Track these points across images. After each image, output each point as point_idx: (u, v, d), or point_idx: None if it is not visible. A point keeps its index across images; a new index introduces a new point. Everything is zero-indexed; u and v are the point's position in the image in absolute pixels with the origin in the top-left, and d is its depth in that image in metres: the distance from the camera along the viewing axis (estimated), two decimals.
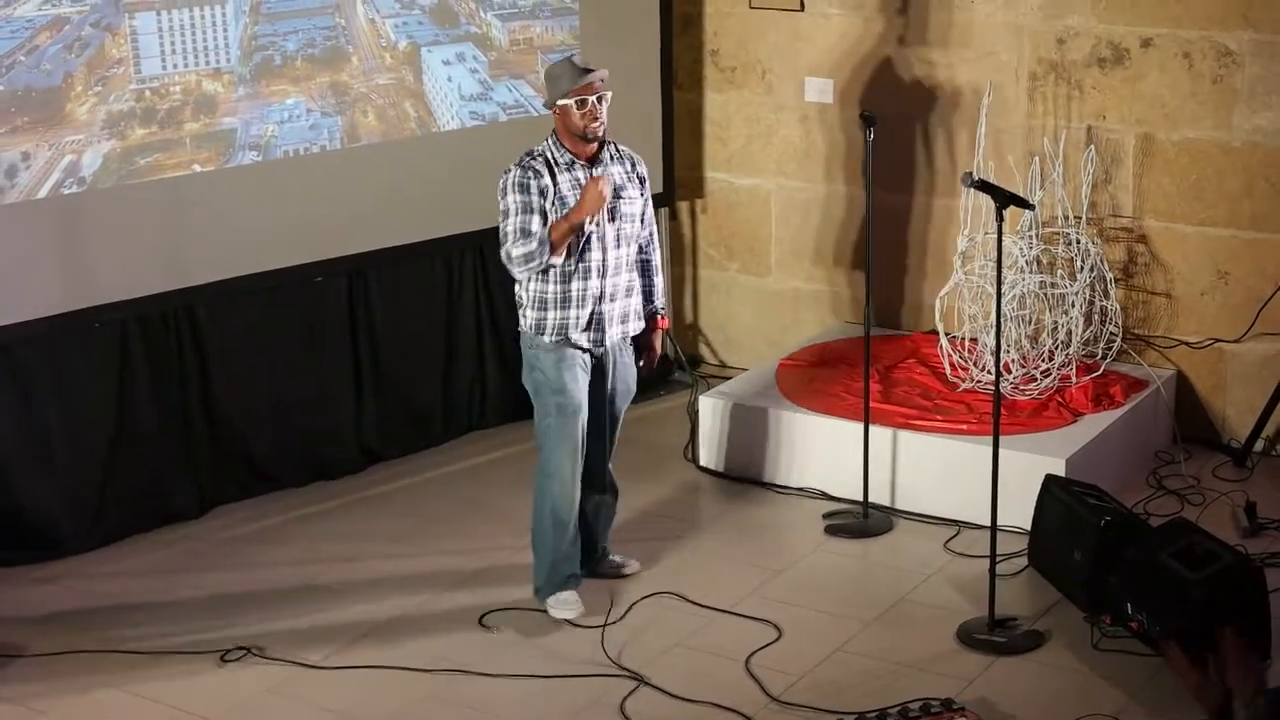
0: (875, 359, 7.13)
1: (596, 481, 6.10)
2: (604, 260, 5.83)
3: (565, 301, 5.80)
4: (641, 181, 5.98)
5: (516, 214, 5.72)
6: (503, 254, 5.77)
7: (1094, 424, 6.84)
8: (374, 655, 5.76)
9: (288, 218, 6.94)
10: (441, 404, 7.64)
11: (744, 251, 8.38)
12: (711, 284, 8.53)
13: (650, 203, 6.06)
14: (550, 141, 5.84)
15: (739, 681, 5.54)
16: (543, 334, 5.83)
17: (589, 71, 5.76)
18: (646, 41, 7.94)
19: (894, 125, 7.67)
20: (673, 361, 8.22)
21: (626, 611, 5.94)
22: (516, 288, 5.91)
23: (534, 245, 5.67)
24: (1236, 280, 7.24)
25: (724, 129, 8.29)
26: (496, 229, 7.12)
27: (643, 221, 6.00)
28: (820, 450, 6.95)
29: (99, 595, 6.27)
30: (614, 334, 5.93)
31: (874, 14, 7.77)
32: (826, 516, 6.77)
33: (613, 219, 5.84)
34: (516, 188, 5.74)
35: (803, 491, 6.98)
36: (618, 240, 5.87)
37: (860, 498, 6.73)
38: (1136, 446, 7.10)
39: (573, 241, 5.74)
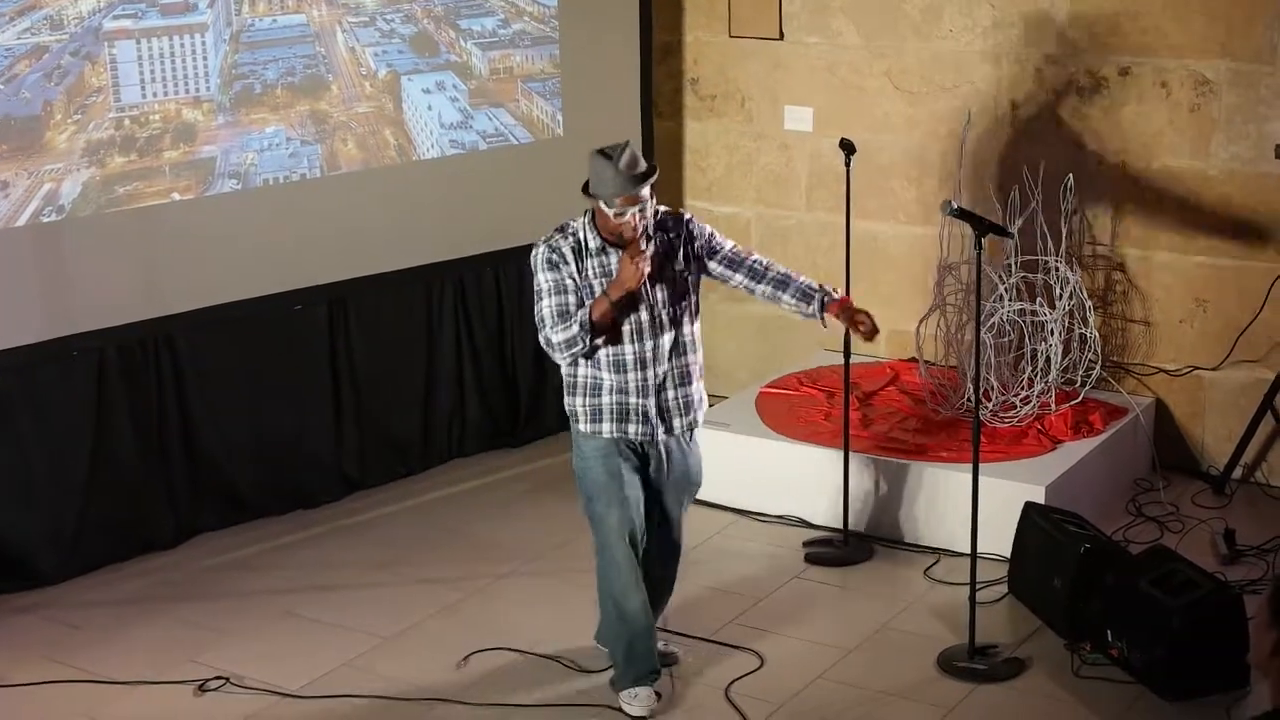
0: (855, 386, 7.14)
1: (650, 571, 5.61)
2: (640, 352, 5.33)
3: (596, 390, 5.35)
4: (692, 241, 5.41)
5: (550, 294, 5.25)
6: (541, 340, 5.32)
7: (1073, 451, 6.85)
8: (353, 684, 5.74)
9: (267, 246, 6.93)
10: (421, 432, 7.63)
11: None
12: None
13: (723, 240, 5.48)
14: (585, 220, 5.34)
15: (720, 710, 5.53)
16: (578, 422, 5.41)
17: (639, 181, 5.21)
18: (626, 70, 7.95)
19: (873, 153, 7.69)
20: None
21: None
22: (562, 365, 5.44)
23: (574, 329, 5.22)
24: (1215, 308, 7.26)
25: (704, 157, 8.31)
26: (475, 257, 7.10)
27: (734, 258, 5.48)
28: (800, 478, 6.95)
29: (76, 624, 6.25)
30: (661, 431, 5.42)
31: (853, 42, 7.80)
32: (806, 544, 6.77)
33: (639, 307, 5.31)
34: (545, 265, 5.27)
35: (783, 519, 6.98)
36: (655, 328, 5.35)
37: (840, 525, 6.73)
38: (1116, 474, 7.11)
39: (620, 321, 5.28)
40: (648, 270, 5.23)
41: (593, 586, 5.68)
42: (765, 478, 7.03)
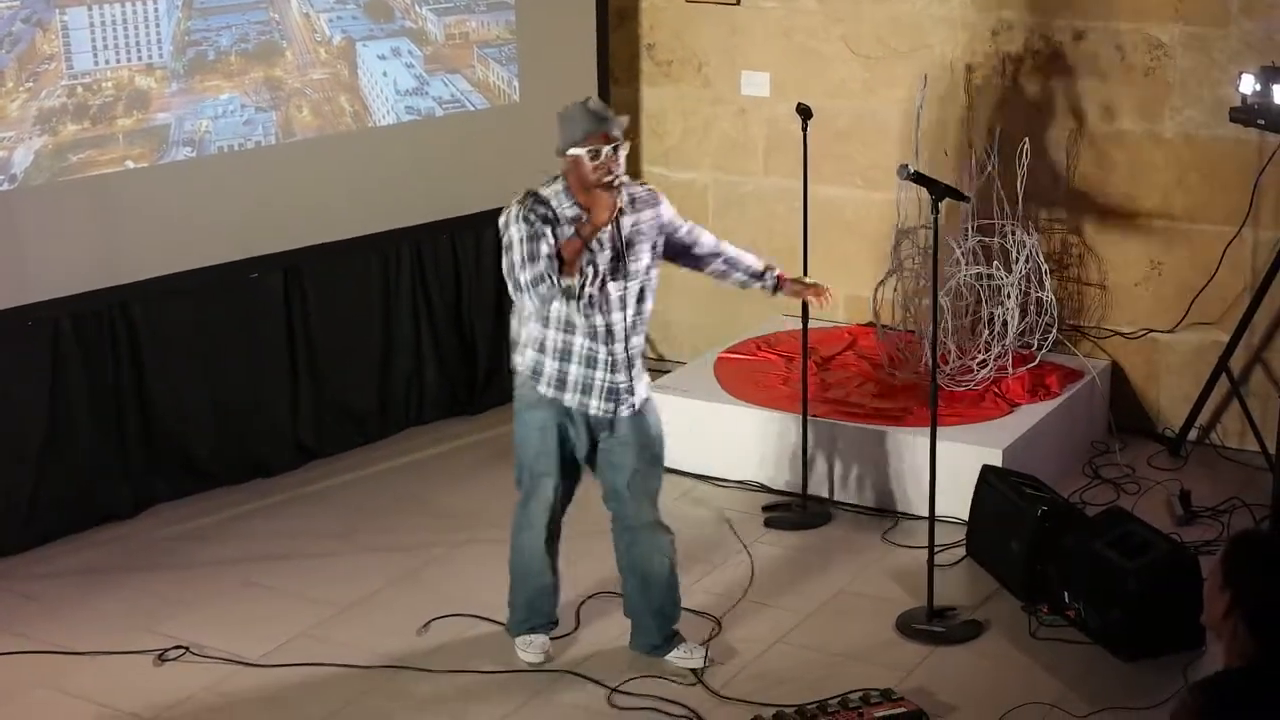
0: (813, 351, 7.15)
1: (637, 538, 5.60)
2: (609, 325, 5.30)
3: (566, 354, 5.30)
4: (660, 217, 5.40)
5: (521, 242, 5.14)
6: (510, 286, 5.21)
7: (1030, 414, 6.88)
8: (312, 652, 5.73)
9: (223, 214, 6.89)
10: (378, 400, 7.61)
11: None
12: None
13: (681, 220, 5.48)
14: (559, 187, 5.25)
15: (676, 675, 5.53)
16: (538, 380, 5.34)
17: (605, 119, 5.20)
18: (582, 35, 7.92)
19: (830, 118, 7.68)
20: None
21: (576, 623, 5.92)
22: (512, 323, 5.46)
23: (541, 266, 5.10)
24: (1169, 271, 7.29)
25: (661, 123, 8.29)
26: (432, 224, 7.07)
27: (688, 240, 5.52)
28: (759, 442, 6.96)
29: (33, 596, 6.22)
30: (616, 408, 5.38)
31: (810, 7, 7.78)
32: (765, 509, 6.79)
33: (615, 277, 5.29)
34: (519, 220, 5.16)
35: (742, 484, 6.99)
36: (622, 302, 5.32)
37: (799, 490, 6.74)
38: (1072, 436, 7.15)
39: (586, 280, 5.22)
40: (621, 204, 5.23)
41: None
42: (724, 443, 7.04)
